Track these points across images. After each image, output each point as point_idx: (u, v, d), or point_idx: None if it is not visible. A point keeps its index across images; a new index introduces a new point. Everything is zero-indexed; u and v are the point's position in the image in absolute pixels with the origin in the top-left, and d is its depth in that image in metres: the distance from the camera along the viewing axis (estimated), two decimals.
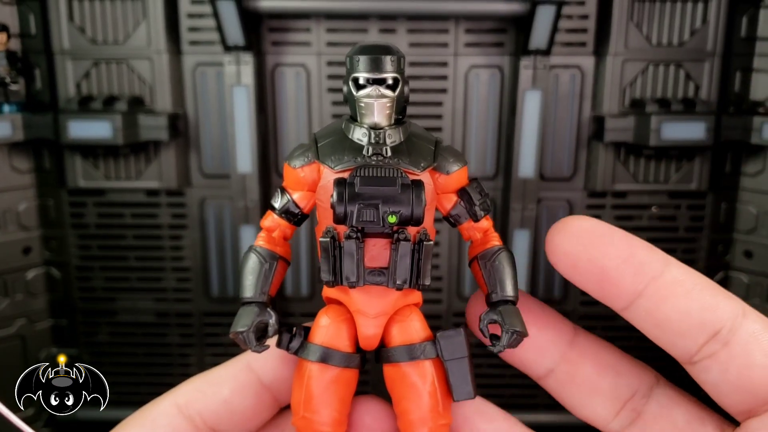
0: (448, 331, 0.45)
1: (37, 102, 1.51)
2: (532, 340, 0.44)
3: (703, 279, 0.39)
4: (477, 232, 0.48)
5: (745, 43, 1.48)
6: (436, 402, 0.45)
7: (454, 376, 0.44)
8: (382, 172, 0.43)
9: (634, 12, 1.48)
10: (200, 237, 1.61)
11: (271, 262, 0.47)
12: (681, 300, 0.38)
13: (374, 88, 0.44)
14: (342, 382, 0.45)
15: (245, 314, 0.45)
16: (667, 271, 0.39)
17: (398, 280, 0.43)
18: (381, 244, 0.44)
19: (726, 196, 1.56)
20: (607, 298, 0.40)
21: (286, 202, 0.47)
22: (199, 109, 1.55)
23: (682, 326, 0.38)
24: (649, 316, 0.39)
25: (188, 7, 1.50)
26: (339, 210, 0.42)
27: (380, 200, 0.42)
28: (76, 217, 1.59)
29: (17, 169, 1.53)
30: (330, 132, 0.46)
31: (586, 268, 0.40)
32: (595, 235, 0.40)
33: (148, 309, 1.65)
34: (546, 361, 0.44)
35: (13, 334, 1.57)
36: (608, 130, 1.48)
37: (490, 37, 1.52)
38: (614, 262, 0.39)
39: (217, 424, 0.45)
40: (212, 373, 0.47)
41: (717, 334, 0.38)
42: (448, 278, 1.62)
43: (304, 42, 1.53)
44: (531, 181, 1.52)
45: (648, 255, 0.39)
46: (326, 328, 0.46)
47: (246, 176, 1.51)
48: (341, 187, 0.42)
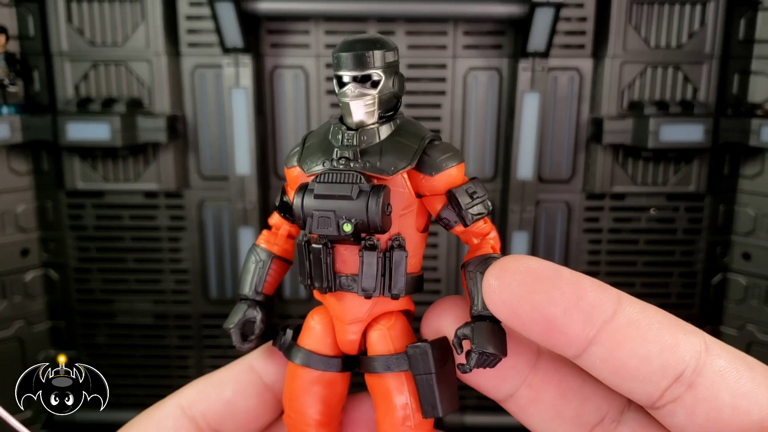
0: (417, 345, 0.42)
1: (36, 104, 1.51)
2: None
3: (659, 315, 0.36)
4: (474, 237, 0.45)
5: (743, 45, 1.49)
6: (407, 416, 0.43)
7: (421, 392, 0.42)
8: (340, 178, 0.41)
9: (633, 14, 1.48)
10: (199, 239, 1.61)
11: (265, 261, 0.48)
12: (638, 344, 0.34)
13: (352, 86, 0.42)
14: (324, 384, 0.45)
15: (235, 311, 0.47)
16: (621, 312, 0.35)
17: (365, 288, 0.41)
18: (351, 249, 0.42)
19: (724, 198, 1.56)
20: (556, 347, 0.36)
21: (284, 202, 0.48)
22: (198, 111, 1.55)
23: (641, 372, 0.35)
24: (604, 364, 0.35)
25: (187, 9, 1.50)
26: (297, 215, 0.41)
27: (335, 207, 0.40)
28: (75, 219, 1.59)
29: (15, 170, 1.52)
30: (318, 132, 0.46)
31: (529, 317, 0.35)
32: (538, 278, 0.36)
33: (147, 311, 1.64)
34: (505, 387, 0.41)
35: (11, 336, 1.56)
36: (607, 132, 1.48)
37: (488, 39, 1.52)
38: (560, 308, 0.35)
39: (220, 425, 0.46)
40: (215, 375, 0.47)
41: (680, 376, 0.34)
42: (447, 281, 1.63)
43: (302, 44, 1.53)
44: (529, 183, 1.52)
45: (598, 296, 0.35)
46: (312, 330, 0.46)
47: (244, 178, 1.51)
48: (300, 194, 0.41)
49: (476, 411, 1.65)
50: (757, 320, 1.55)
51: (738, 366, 0.35)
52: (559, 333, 0.35)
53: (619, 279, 1.62)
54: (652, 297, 1.62)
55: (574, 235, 1.60)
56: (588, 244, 1.61)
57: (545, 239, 1.60)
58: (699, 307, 1.63)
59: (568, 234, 1.61)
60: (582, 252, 1.61)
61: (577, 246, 1.61)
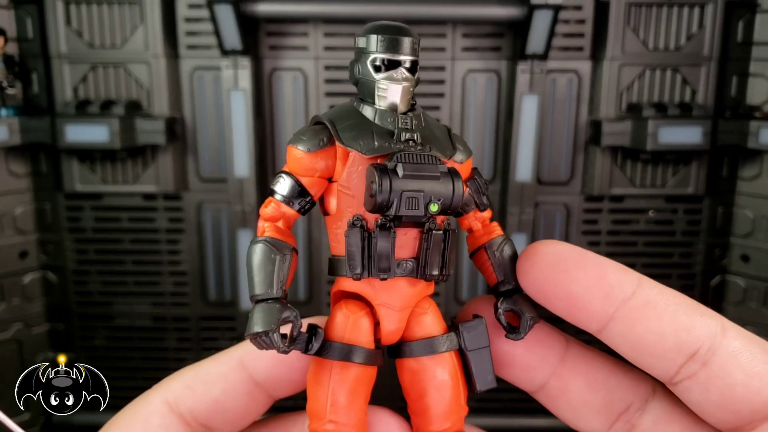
0: (469, 322, 0.44)
1: (34, 106, 1.51)
2: (521, 358, 0.44)
3: (678, 297, 0.39)
4: (477, 222, 0.47)
5: (741, 47, 1.49)
6: (458, 394, 0.44)
7: (477, 366, 0.44)
8: (423, 159, 0.40)
9: (631, 17, 1.48)
10: (197, 241, 1.61)
11: (286, 253, 0.42)
12: (654, 322, 0.37)
13: (398, 70, 0.42)
14: (365, 381, 0.43)
15: (265, 312, 0.40)
16: (639, 293, 0.38)
17: (432, 271, 0.41)
18: (411, 233, 0.42)
19: (723, 200, 1.57)
20: (579, 322, 0.40)
21: (294, 188, 0.43)
22: (197, 113, 1.55)
23: (657, 348, 0.37)
24: (623, 339, 0.38)
25: (186, 11, 1.50)
26: (381, 198, 0.39)
27: (423, 189, 0.40)
28: (73, 221, 1.59)
29: (14, 173, 1.52)
30: (343, 114, 0.43)
31: (554, 293, 0.39)
32: (564, 259, 0.39)
33: (145, 313, 1.64)
34: (537, 378, 0.44)
35: (9, 338, 1.56)
36: (605, 135, 1.48)
37: (487, 41, 1.53)
38: (582, 287, 0.38)
39: (208, 421, 0.45)
40: (203, 369, 0.46)
41: (695, 354, 0.37)
42: (445, 283, 1.62)
43: (301, 46, 1.53)
44: (528, 186, 1.52)
45: (618, 277, 0.39)
46: (345, 324, 0.43)
47: (243, 180, 1.51)
48: (384, 175, 0.39)
49: (475, 413, 1.65)
50: (756, 322, 1.55)
51: (753, 348, 0.37)
52: (581, 309, 0.39)
53: None
54: None
55: (572, 237, 1.60)
56: (587, 246, 1.59)
57: None
58: None
59: (567, 236, 1.61)
60: None
61: None
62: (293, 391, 0.46)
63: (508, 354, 0.44)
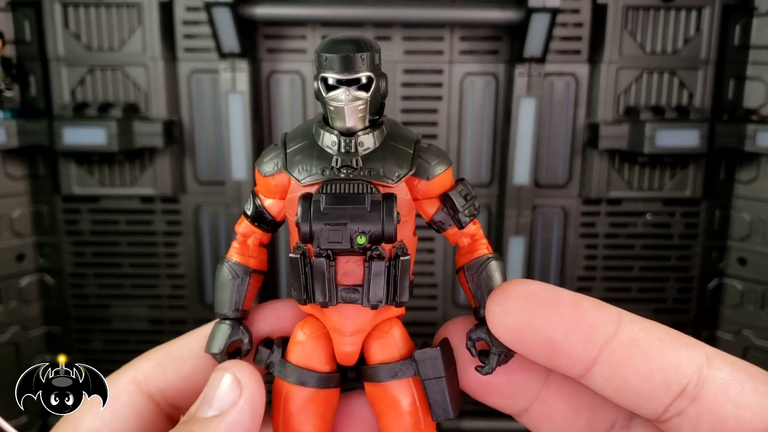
0: (425, 350, 0.42)
1: (32, 108, 1.50)
2: (504, 386, 0.42)
3: (660, 331, 0.37)
4: (464, 238, 0.44)
5: (738, 51, 1.49)
6: (417, 420, 0.43)
7: (432, 395, 0.42)
8: (350, 188, 0.39)
9: (628, 20, 1.49)
10: (195, 244, 1.60)
11: (243, 277, 0.45)
12: (639, 362, 0.35)
13: (344, 90, 0.39)
14: (320, 401, 0.43)
15: (218, 334, 0.43)
16: (621, 331, 0.36)
17: (373, 300, 0.40)
18: (353, 260, 0.40)
19: (720, 203, 1.57)
20: (560, 369, 0.38)
21: (258, 210, 0.45)
22: (195, 116, 1.55)
23: (644, 389, 0.36)
24: (608, 382, 0.36)
25: (184, 14, 1.50)
26: (304, 229, 0.39)
27: (348, 220, 0.38)
28: (71, 224, 1.58)
29: (11, 175, 1.52)
30: (300, 134, 0.43)
31: (532, 341, 0.37)
32: (538, 301, 0.37)
33: (143, 316, 1.64)
34: (519, 403, 0.42)
35: (6, 341, 1.56)
36: (603, 138, 1.48)
37: (485, 44, 1.53)
38: (561, 331, 0.36)
39: (178, 401, 0.44)
40: (173, 347, 0.46)
41: (683, 391, 0.35)
42: (443, 285, 1.62)
43: (299, 49, 1.53)
44: (526, 188, 1.52)
45: (598, 316, 0.36)
46: (303, 345, 0.43)
47: (241, 183, 1.51)
48: (306, 205, 0.39)
49: (474, 416, 1.65)
50: (754, 325, 1.55)
51: (740, 377, 0.35)
52: (562, 355, 0.36)
53: (616, 284, 1.62)
54: (648, 302, 1.62)
55: (570, 240, 1.61)
56: (584, 249, 1.61)
57: (542, 244, 1.61)
58: (695, 313, 1.63)
59: (565, 239, 1.61)
60: (578, 257, 1.61)
61: (573, 251, 1.61)
62: (262, 372, 0.46)
63: (490, 382, 0.42)
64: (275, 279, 1.64)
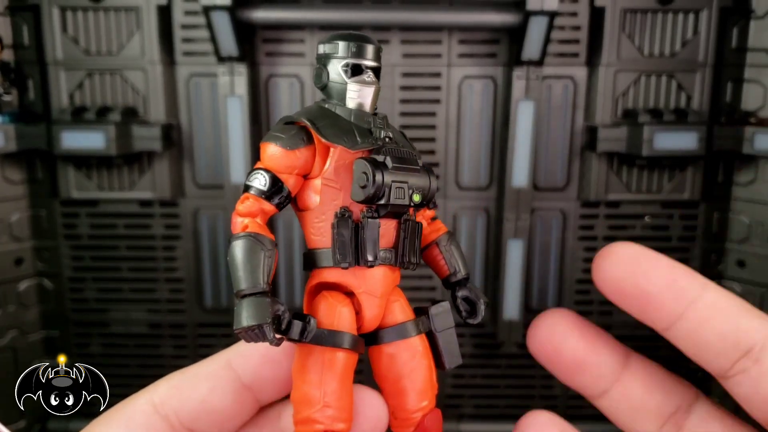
0: (438, 305, 0.49)
1: (30, 112, 1.50)
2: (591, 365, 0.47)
3: (737, 301, 0.42)
4: (425, 220, 0.50)
5: (736, 53, 1.50)
6: (431, 374, 0.47)
7: (446, 345, 0.48)
8: (407, 154, 0.45)
9: (626, 23, 1.49)
10: (194, 248, 1.60)
11: (270, 247, 0.43)
12: (717, 322, 0.41)
13: (367, 73, 0.46)
14: (351, 367, 0.45)
15: (255, 306, 0.40)
16: (705, 295, 0.42)
17: (410, 259, 0.46)
18: (390, 224, 0.45)
19: (718, 206, 1.57)
20: (649, 320, 0.43)
21: (275, 184, 0.44)
22: (193, 120, 1.55)
23: (718, 346, 0.41)
24: (688, 337, 0.42)
25: (182, 18, 1.50)
26: (374, 189, 0.42)
27: (408, 180, 0.44)
28: (69, 228, 1.58)
29: (10, 179, 1.52)
30: (318, 115, 0.46)
31: (631, 293, 0.42)
32: (640, 261, 0.43)
33: (141, 320, 1.64)
34: (602, 384, 0.47)
35: (4, 345, 1.56)
36: (601, 140, 1.49)
37: (483, 47, 1.53)
38: (657, 287, 0.42)
39: (194, 424, 0.44)
40: (190, 371, 0.46)
41: (749, 352, 0.40)
42: (442, 288, 1.62)
43: (298, 53, 1.53)
44: (524, 191, 1.52)
45: (688, 280, 0.42)
46: (332, 312, 0.44)
47: (240, 187, 1.51)
48: (377, 167, 0.43)
49: (473, 419, 1.65)
50: None
51: None
52: (654, 308, 0.42)
53: None
54: None
55: (569, 242, 1.61)
56: (583, 251, 1.61)
57: (540, 247, 1.61)
58: None
59: (564, 242, 1.61)
60: (577, 260, 1.61)
61: (572, 254, 1.61)
62: (279, 394, 0.47)
63: (583, 361, 0.47)
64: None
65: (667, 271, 0.42)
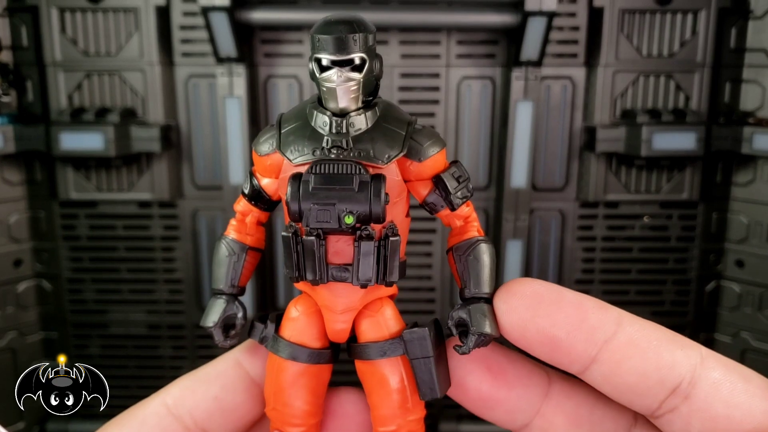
0: (414, 330, 0.43)
1: (29, 114, 1.50)
2: (504, 402, 0.42)
3: (657, 332, 0.38)
4: (457, 219, 0.45)
5: (734, 54, 1.50)
6: (405, 398, 0.43)
7: (419, 375, 0.42)
8: (339, 169, 0.40)
9: (625, 23, 1.49)
10: (192, 248, 1.60)
11: (240, 254, 0.46)
12: (636, 361, 0.37)
13: (337, 71, 0.40)
14: (311, 376, 0.44)
15: (213, 308, 0.46)
16: (621, 332, 0.37)
17: (362, 279, 0.41)
18: (344, 239, 0.41)
19: (717, 206, 1.57)
20: (561, 365, 0.39)
21: (255, 189, 0.46)
22: (192, 121, 1.55)
23: (640, 387, 0.37)
24: (606, 380, 0.38)
25: (181, 19, 1.50)
26: (293, 208, 0.40)
27: (336, 200, 0.39)
28: (68, 229, 1.58)
29: (8, 181, 1.52)
30: (294, 115, 0.43)
31: (536, 339, 0.38)
32: (542, 301, 0.38)
33: (140, 321, 1.64)
34: (520, 418, 0.43)
35: (3, 347, 1.55)
36: (600, 141, 1.49)
37: (481, 48, 1.53)
38: (564, 330, 0.38)
39: (207, 423, 0.45)
40: (201, 371, 0.47)
41: (676, 389, 0.37)
42: (441, 288, 1.62)
43: (296, 53, 1.53)
44: (523, 192, 1.52)
45: (599, 317, 0.38)
46: (296, 321, 0.45)
47: (238, 187, 1.51)
48: (295, 185, 0.40)
49: (473, 419, 1.65)
50: (751, 328, 1.55)
51: (732, 378, 0.36)
52: (564, 353, 0.38)
53: (613, 287, 1.62)
54: (646, 305, 1.62)
55: (568, 243, 1.61)
56: (582, 252, 1.61)
57: (539, 248, 1.61)
58: (693, 315, 1.63)
59: (562, 242, 1.61)
60: (576, 260, 1.61)
61: (571, 254, 1.61)
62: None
63: (490, 397, 0.43)
64: (272, 257, 1.63)
65: (574, 309, 0.38)
